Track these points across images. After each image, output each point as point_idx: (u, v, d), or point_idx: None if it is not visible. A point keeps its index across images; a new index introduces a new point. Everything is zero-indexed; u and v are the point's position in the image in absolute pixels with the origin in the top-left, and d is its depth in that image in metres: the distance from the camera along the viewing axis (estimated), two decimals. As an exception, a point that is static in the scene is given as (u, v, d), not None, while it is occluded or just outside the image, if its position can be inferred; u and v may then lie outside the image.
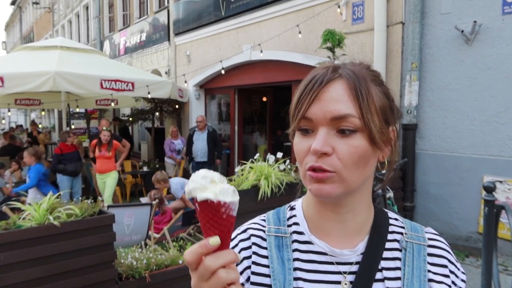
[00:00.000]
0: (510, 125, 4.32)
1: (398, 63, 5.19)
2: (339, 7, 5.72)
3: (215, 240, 0.55)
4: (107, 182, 6.50)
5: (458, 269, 0.76)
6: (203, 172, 0.58)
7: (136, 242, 4.07)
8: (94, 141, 6.64)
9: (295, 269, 0.74)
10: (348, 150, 0.66)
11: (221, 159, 7.87)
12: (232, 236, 0.80)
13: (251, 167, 3.98)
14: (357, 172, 0.68)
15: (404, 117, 5.04)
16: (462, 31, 4.51)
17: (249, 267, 0.75)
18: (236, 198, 0.57)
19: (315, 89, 0.68)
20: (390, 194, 4.17)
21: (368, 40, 5.45)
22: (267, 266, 0.74)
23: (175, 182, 6.01)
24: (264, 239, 0.77)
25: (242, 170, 4.05)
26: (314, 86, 0.69)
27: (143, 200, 5.95)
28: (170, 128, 8.98)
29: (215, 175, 0.58)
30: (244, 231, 0.80)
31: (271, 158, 4.11)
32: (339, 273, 0.73)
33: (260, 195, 3.73)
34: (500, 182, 4.29)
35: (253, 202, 3.70)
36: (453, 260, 0.76)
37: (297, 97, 0.71)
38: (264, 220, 0.81)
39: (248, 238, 0.78)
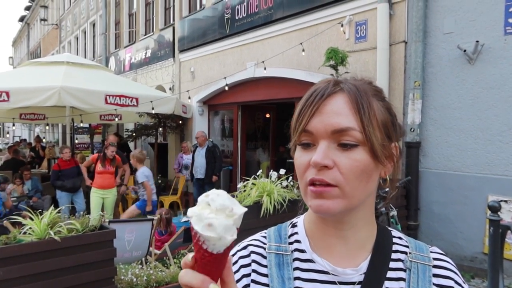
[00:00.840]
0: (514, 144, 4.30)
1: (401, 81, 5.21)
2: (342, 25, 5.79)
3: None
4: (108, 200, 6.29)
5: (465, 290, 0.74)
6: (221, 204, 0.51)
7: (136, 258, 4.02)
8: (95, 156, 6.59)
9: (296, 288, 0.71)
10: (349, 163, 0.65)
11: (217, 175, 7.62)
12: (232, 252, 0.77)
13: (253, 184, 3.97)
14: (360, 187, 0.67)
15: (407, 135, 5.03)
16: (465, 51, 4.54)
17: (248, 286, 0.73)
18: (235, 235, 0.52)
19: (316, 102, 0.68)
20: (394, 212, 4.13)
21: (371, 59, 5.49)
22: (267, 285, 0.72)
23: (142, 169, 6.24)
24: (264, 257, 0.75)
25: (244, 186, 4.03)
26: (315, 99, 0.68)
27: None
28: (180, 143, 9.14)
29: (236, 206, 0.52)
30: (245, 247, 0.77)
31: (273, 174, 4.09)
32: (341, 293, 0.71)
33: (263, 211, 3.70)
34: (505, 201, 4.24)
35: (255, 219, 3.67)
36: (460, 281, 0.74)
37: (298, 111, 0.70)
38: (264, 237, 0.79)
39: (248, 255, 0.76)
